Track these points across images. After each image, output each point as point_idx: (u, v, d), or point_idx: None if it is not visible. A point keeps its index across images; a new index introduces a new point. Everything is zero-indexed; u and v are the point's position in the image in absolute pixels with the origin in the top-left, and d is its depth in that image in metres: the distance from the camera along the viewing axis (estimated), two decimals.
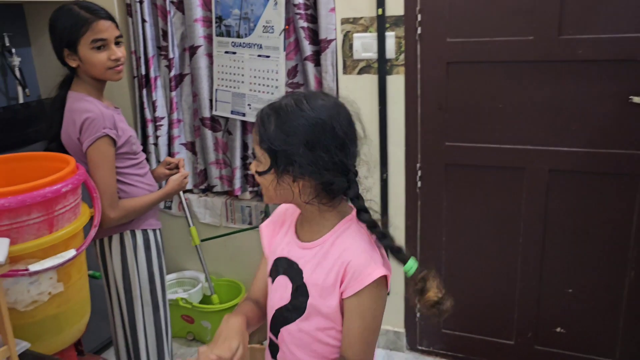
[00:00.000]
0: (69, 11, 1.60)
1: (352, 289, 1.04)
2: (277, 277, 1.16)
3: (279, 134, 1.01)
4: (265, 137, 1.02)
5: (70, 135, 1.61)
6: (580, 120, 1.95)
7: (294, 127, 1.00)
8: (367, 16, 2.13)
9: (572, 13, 1.86)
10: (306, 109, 1.01)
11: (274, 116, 1.02)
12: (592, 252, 2.07)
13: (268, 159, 1.03)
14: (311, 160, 1.00)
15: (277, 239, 1.20)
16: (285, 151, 1.00)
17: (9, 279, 1.30)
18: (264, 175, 1.05)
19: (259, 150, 1.04)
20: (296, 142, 1.00)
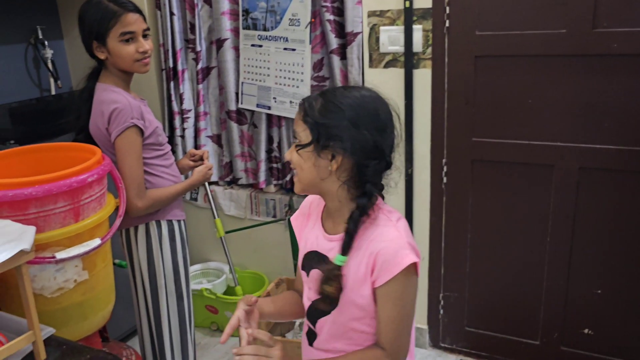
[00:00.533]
0: (97, 4, 1.62)
1: (383, 278, 1.05)
2: (312, 270, 1.17)
3: (325, 110, 1.05)
4: (310, 113, 1.06)
5: (99, 126, 1.63)
6: (613, 117, 1.89)
7: (339, 104, 1.04)
8: (394, 9, 2.11)
9: (607, 5, 1.80)
10: (352, 92, 1.07)
11: (321, 97, 1.07)
12: (622, 253, 2.00)
13: (309, 134, 1.05)
14: (353, 136, 1.03)
15: (306, 231, 1.22)
16: (329, 125, 1.04)
17: (36, 266, 1.33)
18: (303, 150, 1.07)
19: (302, 125, 1.07)
20: (341, 117, 1.03)
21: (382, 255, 1.05)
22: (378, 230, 1.08)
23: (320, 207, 1.21)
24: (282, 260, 2.67)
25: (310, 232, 1.20)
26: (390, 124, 1.08)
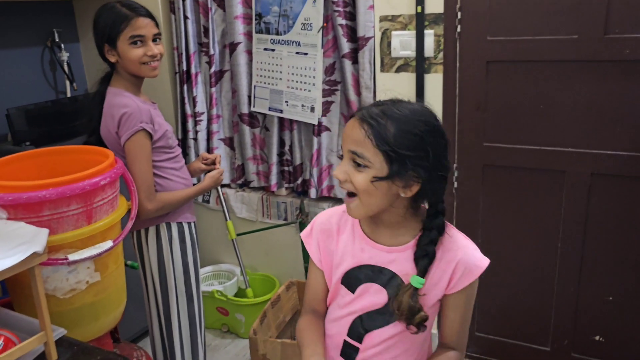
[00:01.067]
0: (111, 9, 1.66)
1: (462, 284, 1.08)
2: (360, 286, 1.13)
3: (404, 139, 0.99)
4: (385, 139, 0.99)
5: (109, 129, 1.66)
6: (624, 123, 1.88)
7: (418, 132, 0.99)
8: (406, 14, 2.11)
9: (619, 11, 1.79)
10: (418, 112, 1.02)
11: (390, 120, 1.00)
12: (634, 259, 1.98)
13: (385, 163, 1.00)
14: (432, 163, 1.00)
15: (340, 247, 1.16)
16: (409, 155, 0.99)
17: (49, 267, 1.36)
18: (383, 181, 1.01)
19: (372, 150, 1.00)
20: (421, 147, 0.99)
21: (462, 263, 1.07)
22: (446, 238, 1.08)
23: (349, 222, 1.17)
24: (293, 263, 2.68)
25: (349, 246, 1.15)
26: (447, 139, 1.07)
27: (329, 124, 2.40)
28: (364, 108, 1.05)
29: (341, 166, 1.05)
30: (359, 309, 1.14)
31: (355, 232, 1.15)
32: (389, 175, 1.00)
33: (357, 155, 1.01)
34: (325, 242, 1.18)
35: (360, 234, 1.14)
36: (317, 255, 1.20)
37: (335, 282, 1.17)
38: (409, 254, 1.09)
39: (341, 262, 1.15)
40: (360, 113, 1.03)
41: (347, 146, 1.04)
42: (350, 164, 1.03)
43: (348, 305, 1.16)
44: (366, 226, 1.14)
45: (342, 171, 1.04)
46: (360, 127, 1.01)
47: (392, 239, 1.10)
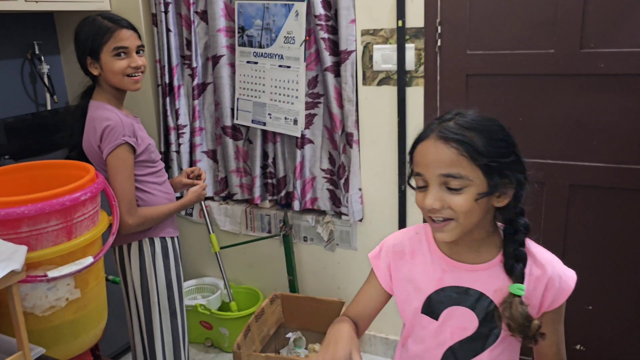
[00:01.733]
0: (93, 21, 1.65)
1: (559, 301, 1.03)
2: (444, 311, 1.05)
3: (494, 146, 0.94)
4: (479, 154, 0.93)
5: (91, 143, 1.65)
6: (601, 135, 1.91)
7: (500, 136, 0.96)
8: (387, 28, 2.14)
9: (594, 26, 1.83)
10: (488, 118, 0.98)
11: (473, 131, 0.95)
12: (613, 269, 2.02)
13: (484, 178, 0.94)
14: (521, 168, 0.97)
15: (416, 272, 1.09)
16: (505, 162, 0.95)
17: (28, 284, 1.34)
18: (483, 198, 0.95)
19: (469, 167, 0.93)
20: (510, 152, 0.96)
21: (554, 279, 1.01)
22: (531, 252, 1.02)
23: (422, 240, 1.10)
24: (277, 276, 2.67)
25: (428, 269, 1.07)
26: None
27: (312, 136, 2.41)
28: (435, 127, 0.98)
29: (431, 194, 0.96)
30: (448, 338, 1.05)
31: (432, 253, 1.08)
32: (490, 189, 0.95)
33: (453, 177, 0.94)
34: (397, 265, 1.11)
35: (439, 255, 1.07)
36: (385, 278, 1.13)
37: (414, 312, 1.09)
38: (495, 270, 1.02)
39: (420, 288, 1.07)
40: (437, 133, 0.96)
41: (434, 171, 0.95)
42: (441, 189, 0.96)
43: (434, 335, 1.07)
44: (444, 246, 1.07)
45: (436, 199, 0.95)
46: (446, 146, 0.94)
47: (476, 257, 1.03)
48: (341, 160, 2.36)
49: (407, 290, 1.10)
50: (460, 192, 0.94)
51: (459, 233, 0.98)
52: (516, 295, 0.98)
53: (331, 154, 2.42)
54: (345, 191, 2.36)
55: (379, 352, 2.52)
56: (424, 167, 0.97)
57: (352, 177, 2.33)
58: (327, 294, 2.57)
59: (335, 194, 2.45)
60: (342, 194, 2.39)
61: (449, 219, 0.97)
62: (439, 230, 0.99)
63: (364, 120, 2.27)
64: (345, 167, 2.35)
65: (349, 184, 2.34)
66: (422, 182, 0.98)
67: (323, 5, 2.20)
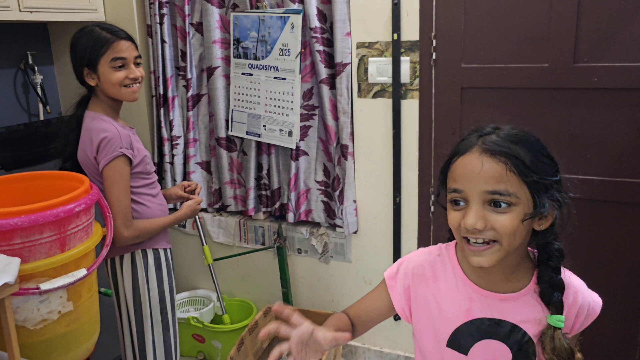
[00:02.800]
0: (90, 32, 1.65)
1: (585, 325, 0.99)
2: (475, 345, 0.97)
3: (541, 163, 0.88)
4: (529, 170, 0.86)
5: (87, 154, 1.64)
6: (594, 149, 1.93)
7: (546, 152, 0.90)
8: (382, 41, 2.15)
9: (587, 41, 1.85)
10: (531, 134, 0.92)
11: (520, 146, 0.88)
12: (605, 282, 2.02)
13: (530, 197, 0.87)
14: (565, 187, 0.91)
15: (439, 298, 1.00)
16: (553, 181, 0.89)
17: (20, 297, 1.32)
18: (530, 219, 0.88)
19: (517, 183, 0.86)
20: (555, 168, 0.90)
21: (584, 307, 0.97)
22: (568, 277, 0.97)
23: (446, 263, 1.01)
24: (270, 288, 2.65)
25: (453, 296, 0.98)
26: None
27: (307, 148, 2.41)
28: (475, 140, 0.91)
29: (473, 213, 0.87)
30: None
31: (457, 279, 0.98)
32: (536, 209, 0.87)
33: (501, 194, 0.86)
34: (417, 290, 1.02)
35: (465, 281, 0.98)
36: (401, 302, 1.04)
37: (437, 344, 1.00)
38: (527, 299, 0.94)
39: (447, 318, 0.98)
40: (480, 146, 0.89)
41: (478, 187, 0.87)
42: (484, 208, 0.88)
43: None
44: (470, 271, 0.98)
45: (479, 218, 0.87)
46: (493, 160, 0.87)
47: (505, 284, 0.95)
48: (336, 172, 2.36)
49: (430, 319, 1.01)
50: (505, 212, 0.87)
51: (499, 258, 0.89)
52: (556, 327, 0.91)
53: (326, 166, 2.42)
54: (340, 203, 2.36)
55: None
56: (465, 182, 0.88)
57: (346, 189, 2.32)
58: (321, 306, 2.56)
59: (329, 206, 2.44)
60: (337, 206, 2.39)
61: (491, 242, 0.89)
62: (477, 254, 0.89)
63: (359, 133, 2.28)
64: (340, 179, 2.35)
65: (344, 196, 2.33)
66: (461, 199, 0.90)
67: (319, 18, 2.22)
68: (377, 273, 2.38)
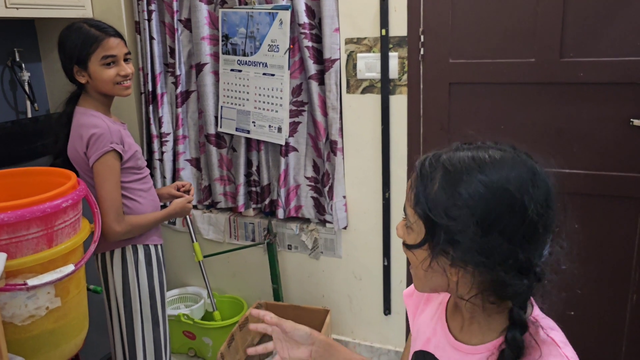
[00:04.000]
0: (78, 29, 1.64)
1: None
2: None
3: (444, 199, 0.74)
4: (422, 199, 0.76)
5: (77, 150, 1.63)
6: (581, 143, 1.95)
7: (467, 194, 0.73)
8: (370, 36, 2.15)
9: (574, 36, 1.87)
10: (488, 170, 0.74)
11: (440, 171, 0.76)
12: (593, 275, 2.04)
13: (422, 228, 0.77)
14: (482, 246, 0.72)
15: (421, 319, 0.95)
16: (448, 226, 0.74)
17: (7, 293, 1.31)
18: (414, 250, 0.80)
19: (411, 212, 0.79)
20: (466, 217, 0.73)
21: None
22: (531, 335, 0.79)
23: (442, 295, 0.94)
24: (261, 284, 2.66)
25: (427, 322, 0.93)
26: (545, 216, 0.76)
27: (297, 144, 2.41)
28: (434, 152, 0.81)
29: (400, 222, 0.85)
30: None
31: (438, 310, 0.92)
32: (420, 244, 0.78)
33: (404, 210, 0.82)
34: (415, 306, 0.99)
35: (442, 314, 0.91)
36: (411, 319, 1.01)
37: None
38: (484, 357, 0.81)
39: (416, 338, 0.95)
40: (421, 159, 0.82)
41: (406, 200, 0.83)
42: (403, 221, 0.84)
43: None
44: (449, 308, 0.91)
45: (400, 225, 0.84)
46: (412, 177, 0.81)
47: (469, 335, 0.84)
48: (325, 168, 2.37)
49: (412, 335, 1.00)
50: (409, 232, 0.81)
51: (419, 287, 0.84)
52: None
53: (315, 162, 2.43)
54: (330, 199, 2.37)
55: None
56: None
57: (336, 185, 2.33)
58: (311, 302, 2.56)
59: (319, 201, 2.45)
60: (327, 201, 2.39)
61: None
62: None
63: (348, 128, 2.28)
64: (330, 174, 2.35)
65: (333, 191, 2.34)
66: None
67: (307, 14, 2.22)
68: (367, 268, 2.39)
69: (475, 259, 0.73)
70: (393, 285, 2.36)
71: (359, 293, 2.46)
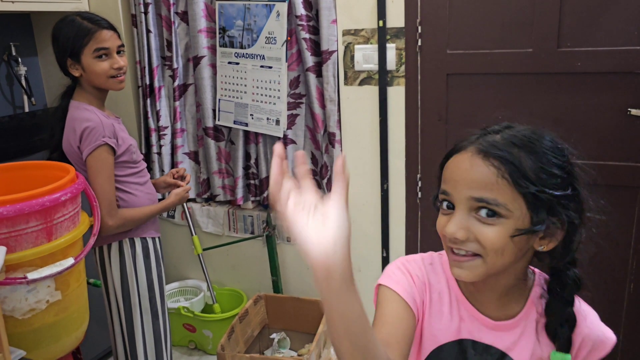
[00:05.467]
0: (71, 22, 1.63)
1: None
2: None
3: (547, 173, 0.76)
4: (526, 179, 0.75)
5: (71, 144, 1.63)
6: (579, 132, 1.95)
7: (559, 164, 0.78)
8: (368, 28, 2.15)
9: (571, 26, 1.87)
10: (549, 138, 0.81)
11: (523, 150, 0.77)
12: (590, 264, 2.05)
13: (526, 211, 0.76)
14: (578, 207, 0.79)
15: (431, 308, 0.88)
16: (557, 196, 0.76)
17: (7, 287, 1.32)
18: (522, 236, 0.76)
19: (511, 198, 0.75)
20: (567, 184, 0.77)
21: (590, 338, 0.86)
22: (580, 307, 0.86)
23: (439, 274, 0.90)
24: (260, 277, 2.66)
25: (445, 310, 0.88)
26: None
27: (295, 136, 2.41)
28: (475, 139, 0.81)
29: (455, 220, 0.78)
30: None
31: (451, 293, 0.88)
32: (532, 227, 0.76)
33: (488, 202, 0.75)
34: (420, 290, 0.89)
35: (459, 297, 0.88)
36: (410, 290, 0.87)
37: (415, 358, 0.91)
38: (522, 328, 0.85)
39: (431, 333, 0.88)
40: (476, 145, 0.79)
41: (464, 192, 0.77)
42: (470, 216, 0.78)
43: None
44: (465, 286, 0.88)
45: (461, 227, 0.77)
46: (485, 163, 0.76)
47: (499, 309, 0.86)
48: (324, 160, 2.37)
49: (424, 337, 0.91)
50: (493, 224, 0.76)
51: (481, 274, 0.79)
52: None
53: (313, 154, 2.43)
54: (328, 191, 2.36)
55: None
56: (453, 185, 0.79)
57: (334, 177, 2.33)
58: (311, 294, 2.57)
59: None
60: (325, 193, 2.39)
61: (475, 255, 0.78)
62: (457, 264, 0.79)
63: (346, 120, 2.28)
64: (328, 167, 2.36)
65: (332, 183, 2.33)
66: (449, 203, 0.81)
67: (304, 5, 2.21)
68: (366, 260, 2.40)
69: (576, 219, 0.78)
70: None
71: (358, 284, 2.43)
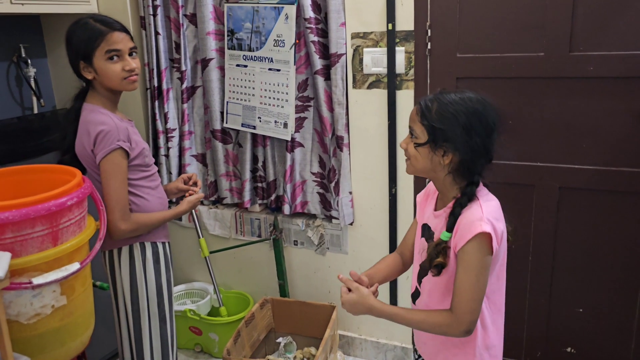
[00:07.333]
0: (84, 25, 1.63)
1: (460, 243, 1.21)
2: (421, 239, 1.39)
3: (441, 116, 1.22)
4: (427, 115, 1.24)
5: (85, 147, 1.63)
6: (591, 138, 1.92)
7: (455, 112, 1.21)
8: (377, 31, 2.13)
9: (583, 29, 1.84)
10: (464, 98, 1.23)
11: (436, 102, 1.24)
12: (603, 271, 2.02)
13: (426, 134, 1.24)
14: (465, 140, 1.21)
15: (426, 207, 1.42)
16: (444, 130, 1.22)
17: (12, 292, 1.31)
18: (420, 147, 1.27)
19: (419, 126, 1.26)
20: (455, 124, 1.21)
21: (462, 225, 1.22)
22: (471, 209, 1.24)
23: (431, 189, 1.43)
24: (267, 280, 2.65)
25: (427, 207, 1.40)
26: (496, 127, 1.24)
27: (302, 139, 2.40)
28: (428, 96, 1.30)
29: (405, 139, 1.32)
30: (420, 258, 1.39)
31: (434, 198, 1.40)
32: (426, 142, 1.25)
33: (411, 129, 1.29)
34: (423, 202, 1.46)
35: (434, 199, 1.39)
36: (418, 211, 1.47)
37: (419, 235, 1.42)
38: (442, 217, 1.30)
39: (422, 218, 1.42)
40: (421, 99, 1.29)
41: (409, 123, 1.30)
42: (408, 137, 1.30)
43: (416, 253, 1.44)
44: (439, 194, 1.38)
45: (405, 142, 1.32)
46: (416, 109, 1.28)
47: (441, 204, 1.34)
48: (331, 163, 2.35)
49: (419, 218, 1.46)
50: (412, 141, 1.29)
51: (412, 171, 1.33)
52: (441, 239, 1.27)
53: (321, 158, 2.41)
54: (336, 195, 2.35)
55: (370, 356, 2.51)
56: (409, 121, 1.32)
57: (342, 181, 2.32)
58: (317, 298, 2.56)
59: (325, 197, 2.43)
60: (333, 197, 2.38)
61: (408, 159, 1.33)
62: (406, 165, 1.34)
63: (354, 124, 2.27)
64: (336, 170, 2.34)
65: (340, 187, 2.33)
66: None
67: (313, 8, 2.20)
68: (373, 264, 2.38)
69: (461, 148, 1.22)
70: (399, 281, 2.35)
71: None
